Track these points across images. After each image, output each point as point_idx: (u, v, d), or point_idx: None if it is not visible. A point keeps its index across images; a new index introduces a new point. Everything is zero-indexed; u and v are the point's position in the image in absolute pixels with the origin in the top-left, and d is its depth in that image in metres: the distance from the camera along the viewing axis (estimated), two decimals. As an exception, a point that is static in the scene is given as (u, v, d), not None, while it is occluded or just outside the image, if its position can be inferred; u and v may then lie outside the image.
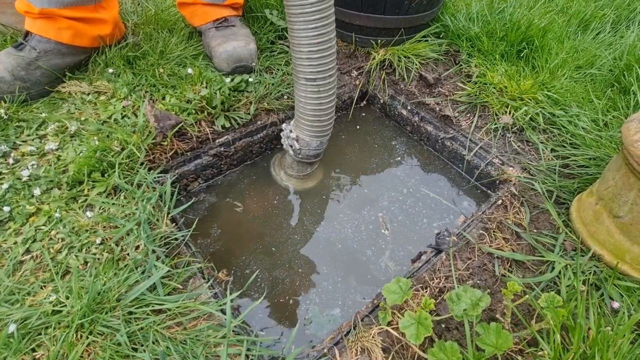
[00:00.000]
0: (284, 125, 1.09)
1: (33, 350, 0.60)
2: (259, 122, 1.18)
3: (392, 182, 1.21)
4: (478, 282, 0.80)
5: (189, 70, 1.13)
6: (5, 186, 0.82)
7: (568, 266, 0.79)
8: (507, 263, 0.83)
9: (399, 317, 0.73)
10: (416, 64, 1.32)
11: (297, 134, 1.03)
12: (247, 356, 0.66)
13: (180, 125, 1.01)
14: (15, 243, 0.74)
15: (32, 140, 0.95)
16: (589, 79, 1.28)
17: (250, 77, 1.19)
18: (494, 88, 1.22)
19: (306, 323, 0.88)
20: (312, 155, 1.07)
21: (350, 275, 0.98)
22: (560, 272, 0.78)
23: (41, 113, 1.01)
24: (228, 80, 1.15)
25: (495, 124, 1.16)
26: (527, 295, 0.64)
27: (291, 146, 1.06)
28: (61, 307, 0.65)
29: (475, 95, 1.23)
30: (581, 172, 1.00)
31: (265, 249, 1.02)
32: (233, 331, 0.69)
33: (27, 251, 0.74)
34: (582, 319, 0.59)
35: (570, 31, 1.49)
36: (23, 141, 0.94)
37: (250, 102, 1.16)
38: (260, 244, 1.03)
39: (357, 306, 0.91)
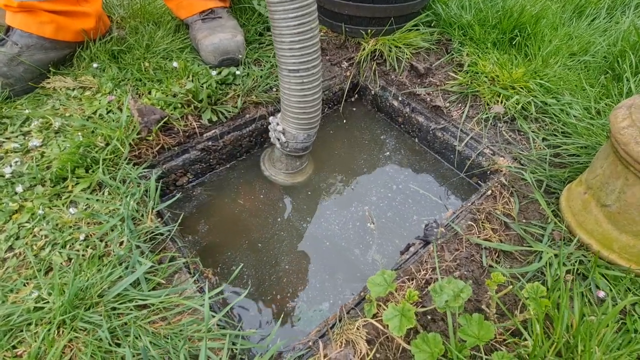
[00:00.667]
0: (271, 118, 1.08)
1: (14, 347, 0.60)
2: (247, 116, 1.17)
3: (382, 178, 1.21)
4: (465, 273, 0.80)
5: (175, 64, 1.12)
6: (-13, 184, 0.81)
7: (555, 256, 0.78)
8: (495, 254, 0.83)
9: (384, 310, 0.72)
10: (407, 54, 1.30)
11: (284, 127, 1.02)
12: (231, 350, 0.66)
13: (165, 120, 1.00)
14: (-2, 240, 0.74)
15: (16, 137, 0.94)
16: (583, 66, 1.26)
17: (237, 69, 1.17)
18: (486, 77, 1.20)
19: (295, 320, 0.88)
20: (299, 149, 1.06)
21: (338, 271, 0.98)
22: (547, 262, 0.77)
23: (25, 109, 1.00)
24: (215, 73, 1.13)
25: (487, 113, 1.15)
26: (511, 286, 0.63)
27: (278, 139, 1.05)
28: (43, 303, 0.65)
29: (467, 85, 1.21)
30: (572, 161, 0.98)
31: (253, 246, 1.02)
32: (218, 325, 0.69)
33: (10, 248, 0.73)
34: (565, 308, 0.59)
35: (565, 17, 1.46)
36: (7, 138, 0.93)
37: (238, 95, 1.15)
38: (248, 240, 1.03)
39: (345, 301, 0.91)
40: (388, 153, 1.29)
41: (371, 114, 1.43)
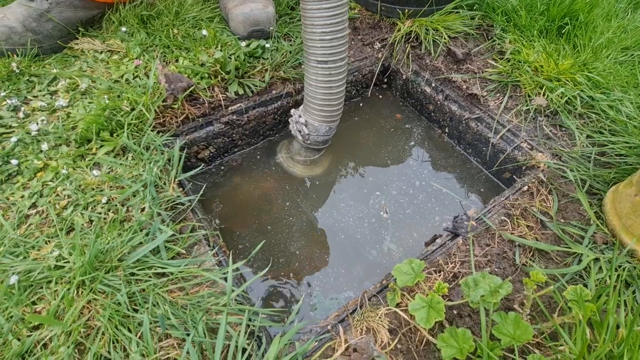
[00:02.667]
0: (292, 111, 1.05)
1: (34, 303, 0.59)
2: (274, 92, 1.13)
3: (404, 172, 1.16)
4: (496, 270, 0.75)
5: (204, 32, 1.08)
6: (14, 139, 0.80)
7: (597, 260, 0.73)
8: (529, 252, 0.78)
9: (408, 300, 0.69)
10: (445, 38, 1.23)
11: (306, 119, 0.99)
12: (247, 326, 0.64)
13: (192, 89, 0.97)
14: (22, 197, 0.73)
15: (43, 95, 0.93)
16: (637, 61, 1.17)
17: (267, 42, 1.13)
18: (529, 66, 1.12)
19: (312, 309, 0.86)
20: (320, 142, 1.04)
21: (354, 262, 0.95)
22: (587, 266, 0.72)
23: (53, 69, 0.99)
24: (244, 44, 1.09)
25: (527, 105, 1.07)
26: (552, 287, 0.59)
27: (299, 131, 1.02)
28: (64, 262, 0.64)
29: (507, 74, 1.14)
30: (619, 162, 0.91)
31: (266, 230, 1.00)
32: (235, 300, 0.67)
33: (34, 205, 0.73)
34: (612, 315, 0.54)
35: (619, 8, 1.35)
36: (34, 96, 0.92)
37: (266, 70, 1.11)
38: (262, 224, 1.00)
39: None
40: (413, 144, 1.24)
41: (398, 103, 1.37)
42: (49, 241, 0.67)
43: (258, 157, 1.17)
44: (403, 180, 1.14)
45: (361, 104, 1.35)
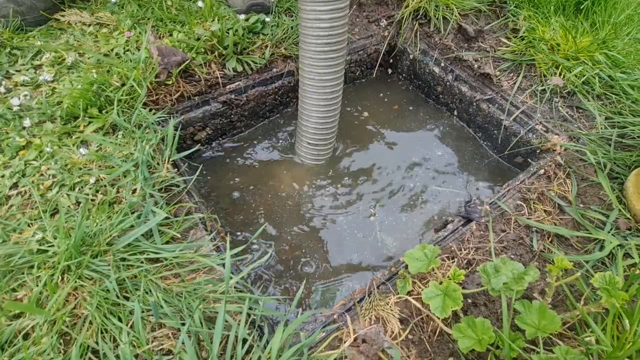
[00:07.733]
0: None
1: (14, 290, 0.54)
2: (274, 70, 1.07)
3: (410, 160, 1.10)
4: (512, 256, 0.71)
5: (200, 4, 1.01)
6: (-7, 115, 0.74)
7: (621, 246, 0.68)
8: (548, 238, 0.73)
9: (420, 288, 0.65)
10: (455, 14, 1.16)
11: None
12: (248, 315, 0.59)
13: (187, 64, 0.90)
14: (2, 176, 0.68)
15: (27, 70, 0.86)
16: (658, 40, 1.11)
17: (267, 17, 1.06)
18: (545, 44, 1.06)
19: (312, 304, 0.81)
20: None
21: (351, 256, 0.91)
22: (611, 253, 0.67)
23: (37, 42, 0.92)
24: (242, 17, 1.02)
25: (543, 85, 1.02)
26: (577, 273, 0.54)
27: None
28: (47, 246, 0.59)
29: (521, 52, 1.07)
30: (641, 144, 0.86)
31: (270, 219, 0.94)
32: (235, 287, 0.63)
33: (15, 185, 0.67)
34: (645, 304, 0.50)
35: (640, -15, 1.28)
36: (17, 70, 0.86)
37: (266, 46, 1.04)
38: (258, 213, 0.95)
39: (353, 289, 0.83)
40: (420, 129, 1.18)
41: (403, 88, 1.31)
42: (31, 224, 0.62)
43: (258, 141, 1.11)
44: (411, 169, 1.09)
45: (366, 90, 1.29)
